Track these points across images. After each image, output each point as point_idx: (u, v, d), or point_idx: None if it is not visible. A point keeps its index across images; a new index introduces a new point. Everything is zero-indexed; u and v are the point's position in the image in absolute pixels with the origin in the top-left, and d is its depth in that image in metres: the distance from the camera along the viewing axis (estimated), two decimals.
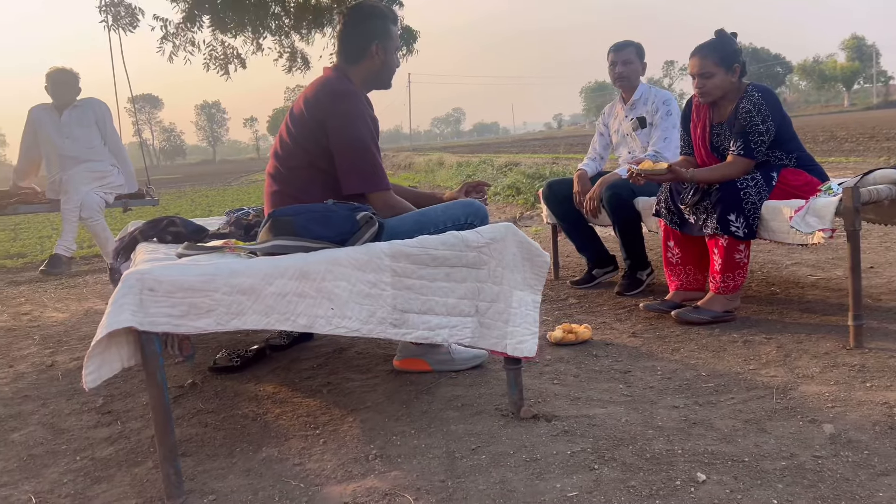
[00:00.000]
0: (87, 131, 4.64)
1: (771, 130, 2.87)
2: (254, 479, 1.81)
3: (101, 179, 4.57)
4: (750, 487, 1.58)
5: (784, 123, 2.93)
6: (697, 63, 2.95)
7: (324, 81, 2.39)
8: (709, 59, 2.91)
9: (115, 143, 4.80)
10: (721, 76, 2.91)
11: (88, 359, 1.60)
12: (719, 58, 2.90)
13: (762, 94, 2.88)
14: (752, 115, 2.86)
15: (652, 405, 2.10)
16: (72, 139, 4.59)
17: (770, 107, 2.86)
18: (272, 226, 1.94)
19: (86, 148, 4.62)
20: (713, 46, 2.93)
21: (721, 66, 2.90)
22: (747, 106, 2.88)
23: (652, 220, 3.36)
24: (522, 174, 11.59)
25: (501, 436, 1.95)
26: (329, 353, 2.90)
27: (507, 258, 2.09)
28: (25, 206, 4.50)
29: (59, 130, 4.59)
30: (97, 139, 4.69)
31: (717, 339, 2.71)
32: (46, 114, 4.63)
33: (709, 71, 2.92)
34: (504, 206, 9.19)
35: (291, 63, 8.13)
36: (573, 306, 3.44)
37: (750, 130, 2.86)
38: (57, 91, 4.62)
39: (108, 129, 4.76)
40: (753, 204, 2.78)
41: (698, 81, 2.96)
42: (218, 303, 1.71)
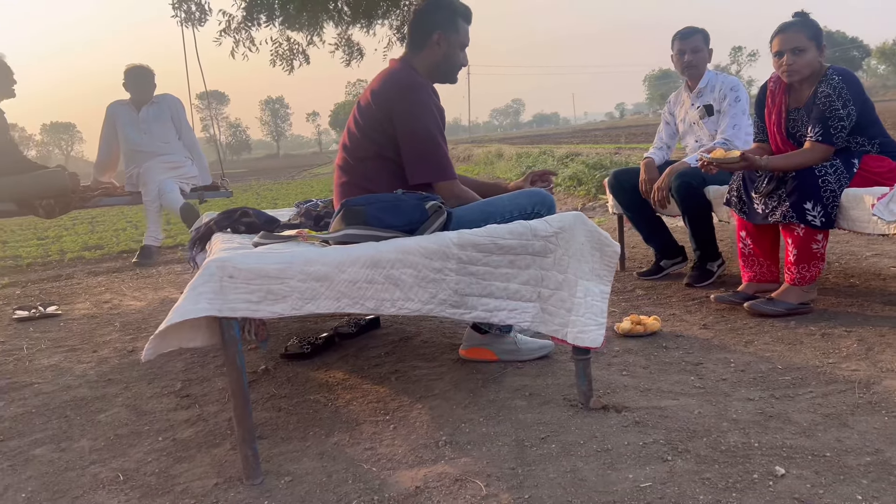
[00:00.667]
0: (163, 126, 4.82)
1: (852, 115, 2.75)
2: (327, 462, 1.86)
3: (176, 170, 4.74)
4: (832, 483, 1.53)
5: (866, 108, 2.81)
6: (788, 38, 2.82)
7: (390, 73, 2.41)
8: (801, 34, 2.79)
9: (190, 137, 4.98)
10: (812, 53, 2.80)
11: (154, 336, 1.67)
12: (811, 33, 2.79)
13: (842, 77, 2.77)
14: (832, 100, 2.75)
15: (726, 398, 2.06)
16: (149, 134, 4.78)
17: (851, 90, 2.74)
18: (345, 215, 1.98)
19: (162, 142, 4.80)
20: (805, 23, 2.82)
21: (813, 42, 2.79)
22: (826, 90, 2.77)
23: (723, 210, 3.28)
24: (584, 164, 11.43)
25: (571, 425, 1.94)
26: (396, 342, 2.94)
27: (574, 247, 2.07)
28: (108, 199, 4.71)
29: (137, 126, 4.78)
30: (173, 134, 4.86)
31: (793, 331, 2.63)
32: (124, 110, 4.83)
33: (801, 45, 2.79)
34: (565, 197, 9.09)
35: (349, 55, 8.26)
36: (640, 298, 3.39)
37: (829, 115, 2.75)
38: (135, 87, 4.81)
39: (183, 124, 4.94)
40: (832, 192, 2.67)
41: (788, 58, 2.83)
42: (293, 289, 1.75)
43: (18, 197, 4.26)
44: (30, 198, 4.30)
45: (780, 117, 3.00)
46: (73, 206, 4.48)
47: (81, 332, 3.66)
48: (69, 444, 2.14)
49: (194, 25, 7.28)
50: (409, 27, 2.46)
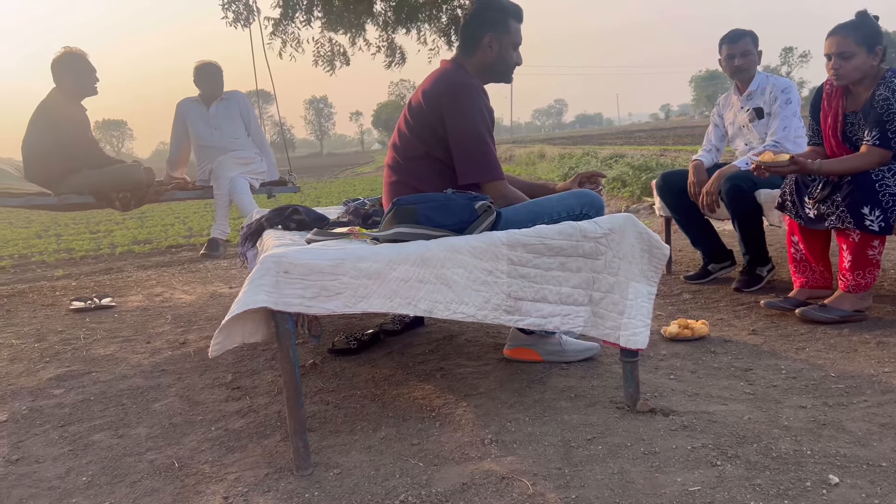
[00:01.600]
0: (233, 123, 4.92)
1: None
2: (375, 455, 1.89)
3: (247, 166, 4.83)
4: (889, 493, 1.50)
5: None
6: (836, 42, 2.77)
7: (441, 73, 2.44)
8: (850, 38, 2.73)
9: (258, 133, 5.08)
10: (862, 57, 2.73)
11: (219, 331, 1.72)
12: (861, 37, 2.72)
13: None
14: (891, 103, 2.68)
15: (777, 404, 2.03)
16: (220, 130, 4.88)
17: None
18: (396, 213, 2.01)
19: (232, 138, 4.90)
20: (854, 25, 2.75)
21: (862, 46, 2.72)
22: (885, 93, 2.70)
23: (774, 214, 3.22)
24: (629, 166, 11.32)
25: (618, 428, 1.94)
26: (440, 340, 2.96)
27: (624, 249, 2.07)
28: (181, 193, 4.84)
29: (208, 122, 4.89)
30: (242, 130, 4.96)
31: (846, 339, 2.57)
32: (195, 107, 4.94)
33: (848, 50, 2.73)
34: (609, 199, 9.02)
35: (390, 58, 8.34)
36: (687, 301, 3.35)
37: (888, 119, 2.68)
38: (205, 84, 4.92)
39: (252, 120, 5.03)
40: (893, 196, 2.61)
41: (835, 62, 2.78)
42: (346, 286, 1.79)
43: (97, 189, 4.43)
44: (107, 191, 4.47)
45: (836, 121, 2.93)
46: (148, 199, 4.63)
47: (135, 324, 3.77)
48: (126, 431, 2.22)
49: (243, 26, 7.44)
50: (461, 30, 2.48)
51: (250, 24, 7.33)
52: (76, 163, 4.38)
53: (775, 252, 4.07)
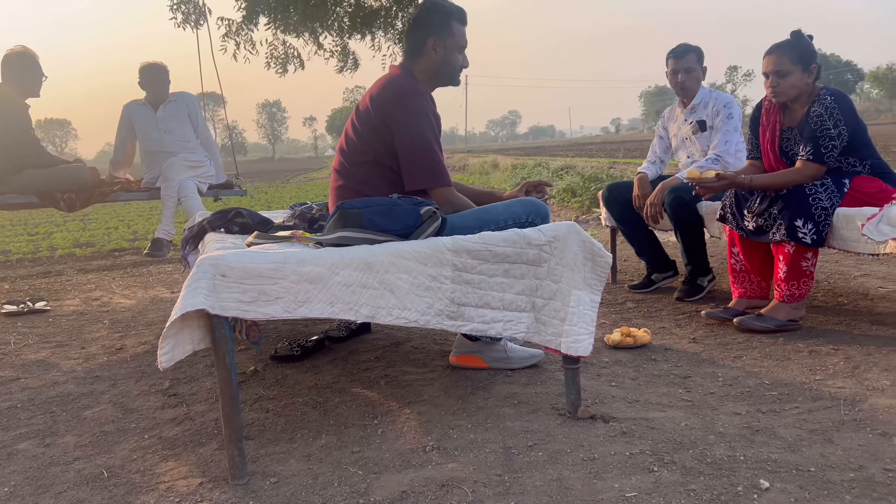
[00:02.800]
0: (182, 125, 4.80)
1: (843, 136, 2.78)
2: (314, 464, 1.85)
3: (196, 169, 4.72)
4: (816, 497, 1.54)
5: (858, 129, 2.84)
6: (773, 60, 2.86)
7: (389, 79, 2.43)
8: (785, 57, 2.83)
9: (206, 135, 4.97)
10: (797, 75, 2.83)
11: (163, 339, 1.67)
12: (797, 56, 2.82)
13: (835, 97, 2.80)
14: (824, 120, 2.78)
15: (713, 411, 2.07)
16: (169, 133, 4.76)
17: (843, 111, 2.78)
18: (340, 217, 1.98)
19: (182, 141, 4.78)
20: (790, 45, 2.85)
21: (798, 65, 2.82)
22: (819, 110, 2.80)
23: (715, 226, 3.30)
24: (579, 177, 11.48)
25: (558, 434, 1.95)
26: (386, 347, 2.94)
27: (567, 257, 2.09)
28: (126, 194, 4.70)
29: (157, 126, 4.76)
30: (191, 132, 4.85)
31: (781, 347, 2.64)
32: (142, 110, 4.80)
33: (785, 69, 2.83)
34: (559, 209, 9.13)
35: (343, 63, 8.30)
36: (631, 310, 3.40)
37: (821, 135, 2.78)
38: (151, 86, 4.79)
39: (200, 122, 4.92)
40: (824, 210, 2.70)
41: (772, 80, 2.87)
42: (286, 290, 1.75)
43: (41, 190, 4.27)
44: (52, 191, 4.31)
45: (773, 136, 3.03)
46: (94, 200, 4.48)
47: (70, 329, 3.64)
48: (54, 440, 2.13)
49: (192, 27, 7.29)
50: (405, 35, 2.48)
51: (200, 27, 7.20)
52: (19, 162, 4.22)
53: (716, 263, 4.17)
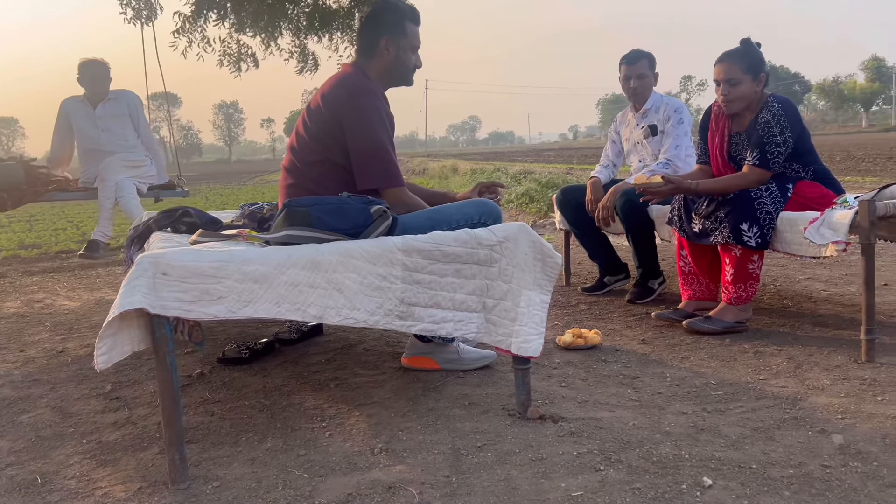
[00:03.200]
0: (122, 124, 4.67)
1: (789, 142, 2.85)
2: (258, 467, 1.81)
3: (135, 169, 4.60)
4: (756, 494, 1.56)
5: (803, 136, 2.91)
6: (724, 69, 2.92)
7: (342, 77, 2.40)
8: (736, 66, 2.89)
9: (147, 135, 4.84)
10: (748, 84, 2.89)
11: (100, 340, 1.61)
12: (747, 65, 2.88)
13: (782, 105, 2.87)
14: (771, 126, 2.84)
15: (660, 410, 2.09)
16: (108, 132, 4.62)
17: (789, 118, 2.85)
18: (287, 216, 1.95)
19: (122, 141, 4.65)
20: (740, 54, 2.91)
21: (748, 74, 2.88)
22: (766, 117, 2.86)
23: (665, 229, 3.35)
24: (537, 182, 11.58)
25: (508, 435, 1.95)
26: (338, 349, 2.90)
27: (518, 257, 2.09)
28: (62, 194, 4.54)
29: (95, 124, 4.62)
30: (131, 131, 4.72)
31: (727, 348, 2.69)
32: (80, 107, 4.65)
33: (736, 77, 2.88)
34: (517, 214, 9.19)
35: (302, 64, 8.20)
36: (584, 312, 3.43)
37: (767, 141, 2.84)
38: (91, 83, 4.65)
39: (142, 122, 4.80)
40: (769, 213, 2.76)
41: (724, 88, 2.93)
42: (230, 290, 1.71)
43: None
44: None
45: (722, 141, 3.09)
46: (26, 200, 4.32)
47: (9, 332, 3.51)
48: None
49: (143, 23, 7.12)
50: (358, 34, 2.46)
51: (152, 22, 7.03)
52: None
53: (667, 266, 4.24)
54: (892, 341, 2.65)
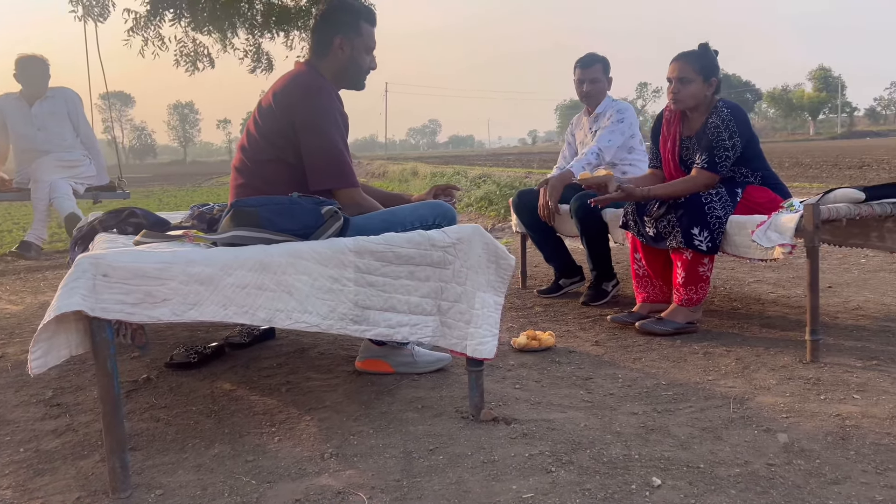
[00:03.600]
0: (59, 123, 4.52)
1: (737, 147, 2.91)
2: (204, 474, 1.77)
3: (71, 169, 4.45)
4: (704, 493, 1.58)
5: (752, 141, 2.98)
6: (677, 67, 2.97)
7: (294, 75, 2.37)
8: (689, 66, 2.94)
9: (88, 134, 4.70)
10: (698, 85, 2.94)
11: (35, 343, 1.55)
12: (700, 66, 2.94)
13: (731, 110, 2.93)
14: (720, 131, 2.90)
15: (611, 411, 2.11)
16: (44, 131, 4.47)
17: (738, 123, 2.91)
18: (234, 216, 1.90)
19: (58, 140, 4.50)
20: (696, 55, 2.97)
21: (700, 75, 2.93)
22: (716, 121, 2.92)
23: (618, 232, 3.39)
24: (496, 186, 11.63)
25: (460, 437, 1.94)
26: (290, 353, 2.85)
27: (472, 259, 2.08)
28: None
29: (31, 122, 4.46)
30: (69, 131, 4.57)
31: (678, 349, 2.73)
32: (16, 104, 4.49)
33: (687, 77, 2.94)
34: (476, 217, 9.20)
35: (256, 63, 8.09)
36: (539, 314, 3.44)
37: (716, 145, 2.90)
38: (27, 80, 4.49)
39: (81, 121, 4.65)
40: (718, 218, 2.81)
41: (674, 86, 2.98)
42: (174, 292, 1.67)
43: None
44: None
45: (674, 145, 3.14)
46: None
47: None
48: None
49: (95, 21, 6.93)
50: (312, 32, 2.43)
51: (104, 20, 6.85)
52: None
53: (621, 268, 4.29)
54: (836, 342, 2.72)
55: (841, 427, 1.92)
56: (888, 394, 2.15)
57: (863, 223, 3.14)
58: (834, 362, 2.48)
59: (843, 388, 2.22)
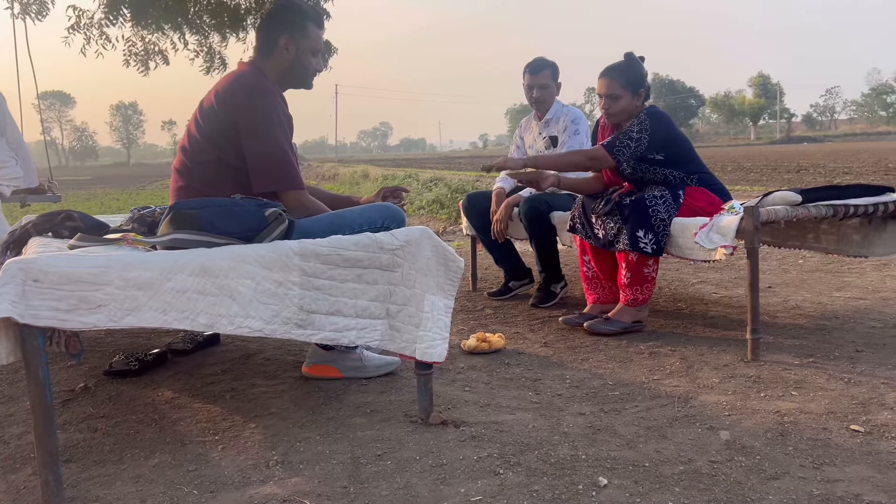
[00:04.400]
0: None
1: (643, 142, 2.94)
2: (143, 485, 1.71)
3: None
4: (649, 491, 1.60)
5: (678, 144, 3.04)
6: (605, 84, 3.03)
7: (238, 75, 2.32)
8: (616, 82, 3.00)
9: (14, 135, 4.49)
10: (627, 99, 3.00)
11: None
12: (626, 81, 2.99)
13: (648, 113, 2.99)
14: (633, 125, 2.98)
15: (559, 412, 2.12)
16: None
17: (653, 123, 2.95)
18: (174, 218, 1.85)
19: None
20: (621, 69, 3.02)
21: (627, 90, 2.99)
22: (632, 120, 3.00)
23: (566, 235, 3.42)
24: (447, 188, 11.65)
25: (409, 442, 1.92)
26: (235, 359, 2.79)
27: (420, 262, 2.07)
28: None
29: None
30: None
31: (624, 350, 2.77)
32: None
33: (616, 93, 3.00)
34: (428, 220, 9.20)
35: (209, 64, 7.92)
36: (489, 317, 3.45)
37: (623, 134, 2.97)
38: None
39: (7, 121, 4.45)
40: (663, 220, 2.87)
41: (605, 102, 3.04)
42: (111, 297, 1.61)
43: None
44: None
45: None
46: None
47: None
48: None
49: (33, 19, 6.67)
50: (257, 32, 2.39)
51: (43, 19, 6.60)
52: None
53: (569, 270, 4.34)
54: (776, 340, 2.80)
55: (780, 423, 1.97)
56: (824, 390, 2.22)
57: (800, 225, 3.25)
58: (773, 360, 2.55)
59: (781, 385, 2.28)
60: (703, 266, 4.48)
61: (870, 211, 2.82)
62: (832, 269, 4.27)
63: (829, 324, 3.03)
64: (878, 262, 4.33)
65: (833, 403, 2.11)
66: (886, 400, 2.12)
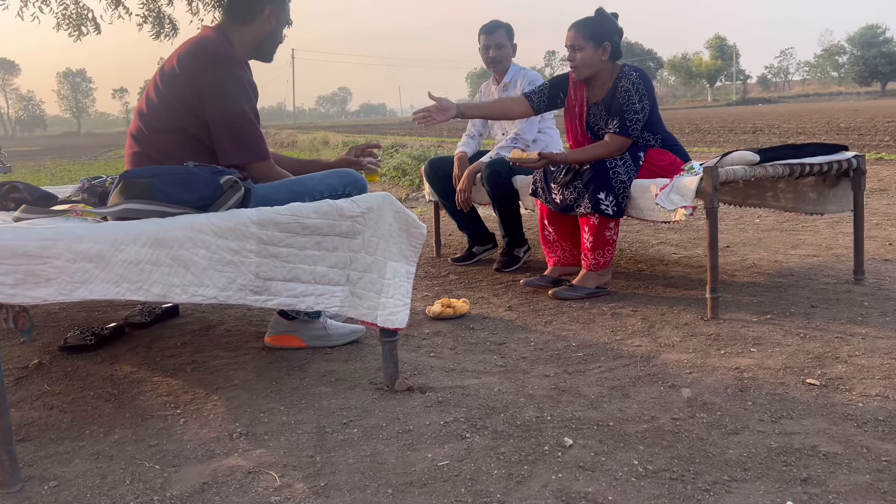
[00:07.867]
0: None
1: (646, 110, 2.96)
2: (103, 462, 1.67)
3: None
4: (613, 450, 1.62)
5: (654, 105, 3.05)
6: (570, 35, 3.02)
7: (201, 40, 2.23)
8: (580, 33, 2.98)
9: None
10: (589, 51, 2.98)
11: None
12: (590, 33, 2.97)
13: (639, 74, 2.98)
14: (631, 94, 2.94)
15: (524, 375, 2.13)
16: None
17: (646, 87, 2.97)
18: (124, 188, 1.78)
19: None
20: (587, 22, 3.00)
21: (590, 41, 2.97)
22: (626, 85, 2.96)
23: (529, 199, 3.42)
24: (409, 156, 11.55)
25: (375, 409, 1.91)
26: (195, 331, 2.74)
27: (382, 228, 2.04)
28: None
29: None
30: None
31: (587, 311, 2.80)
32: None
33: (578, 44, 2.98)
34: (390, 187, 9.12)
35: (158, 29, 7.61)
36: (453, 282, 3.45)
37: (627, 109, 2.95)
38: None
39: None
40: (623, 183, 2.88)
41: (570, 53, 3.03)
42: (60, 270, 1.55)
43: None
44: None
45: (581, 111, 3.17)
46: None
47: None
48: None
49: None
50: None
51: None
52: None
53: (532, 234, 4.35)
54: (734, 298, 2.85)
55: (739, 379, 2.01)
56: (781, 345, 2.28)
57: (758, 184, 3.29)
58: (732, 318, 2.60)
59: (740, 343, 2.33)
60: (662, 227, 4.53)
61: (825, 169, 2.87)
62: (787, 228, 4.36)
63: (785, 281, 3.10)
64: (832, 220, 4.44)
65: (790, 358, 2.16)
66: (840, 354, 2.18)
